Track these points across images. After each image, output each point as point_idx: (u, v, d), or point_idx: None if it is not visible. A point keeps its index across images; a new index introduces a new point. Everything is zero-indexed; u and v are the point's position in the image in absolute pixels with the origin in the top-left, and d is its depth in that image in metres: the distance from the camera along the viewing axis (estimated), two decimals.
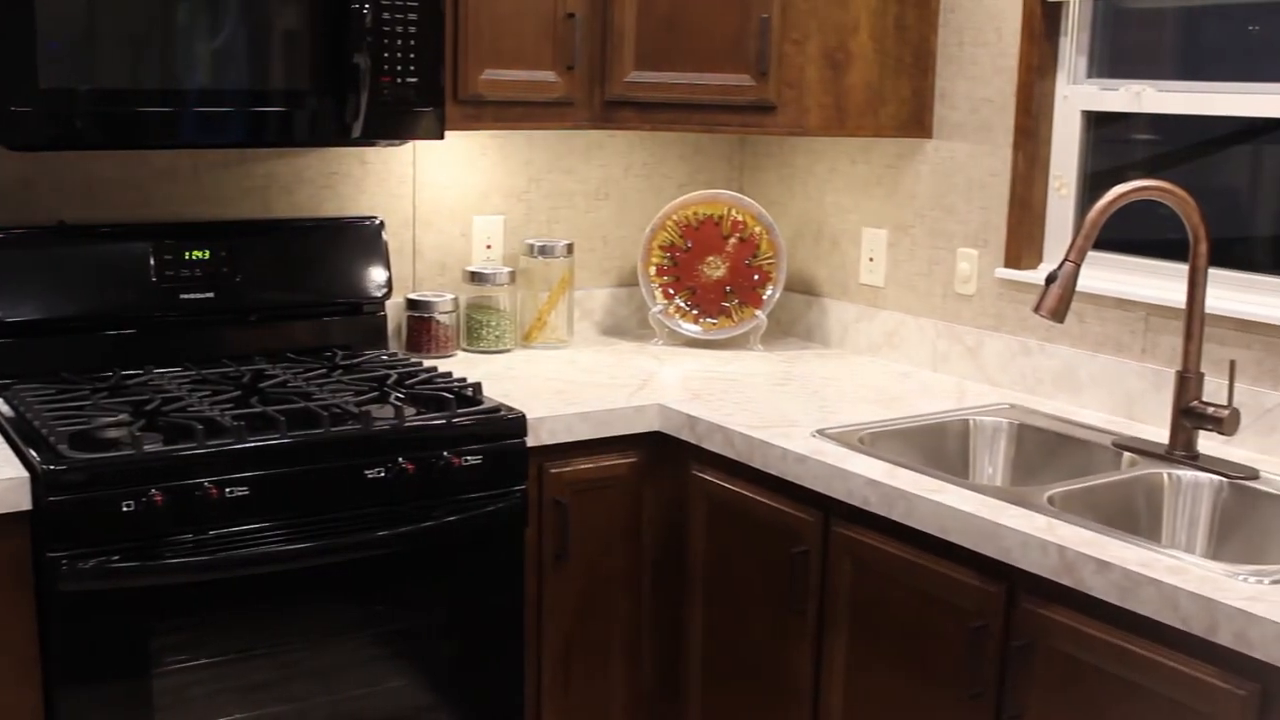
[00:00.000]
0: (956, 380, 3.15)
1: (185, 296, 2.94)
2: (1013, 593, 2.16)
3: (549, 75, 3.04)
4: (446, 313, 3.26)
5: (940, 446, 2.77)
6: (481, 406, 2.71)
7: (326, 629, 2.56)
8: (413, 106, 2.83)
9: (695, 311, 3.46)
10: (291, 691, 2.55)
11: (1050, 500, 2.27)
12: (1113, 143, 3.04)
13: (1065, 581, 2.05)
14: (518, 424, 2.68)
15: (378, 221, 3.20)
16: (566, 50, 3.05)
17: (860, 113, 3.10)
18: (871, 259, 3.39)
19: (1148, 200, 2.49)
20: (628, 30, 3.08)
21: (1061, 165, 3.02)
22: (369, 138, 2.83)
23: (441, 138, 2.89)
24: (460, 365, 3.14)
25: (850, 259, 3.46)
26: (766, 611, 2.66)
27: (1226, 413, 2.46)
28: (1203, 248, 2.49)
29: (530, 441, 2.70)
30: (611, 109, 3.12)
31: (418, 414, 2.65)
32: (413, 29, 2.79)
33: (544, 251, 3.37)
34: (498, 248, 3.44)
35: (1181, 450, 2.53)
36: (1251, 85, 2.70)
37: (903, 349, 3.31)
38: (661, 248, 3.47)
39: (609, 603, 2.91)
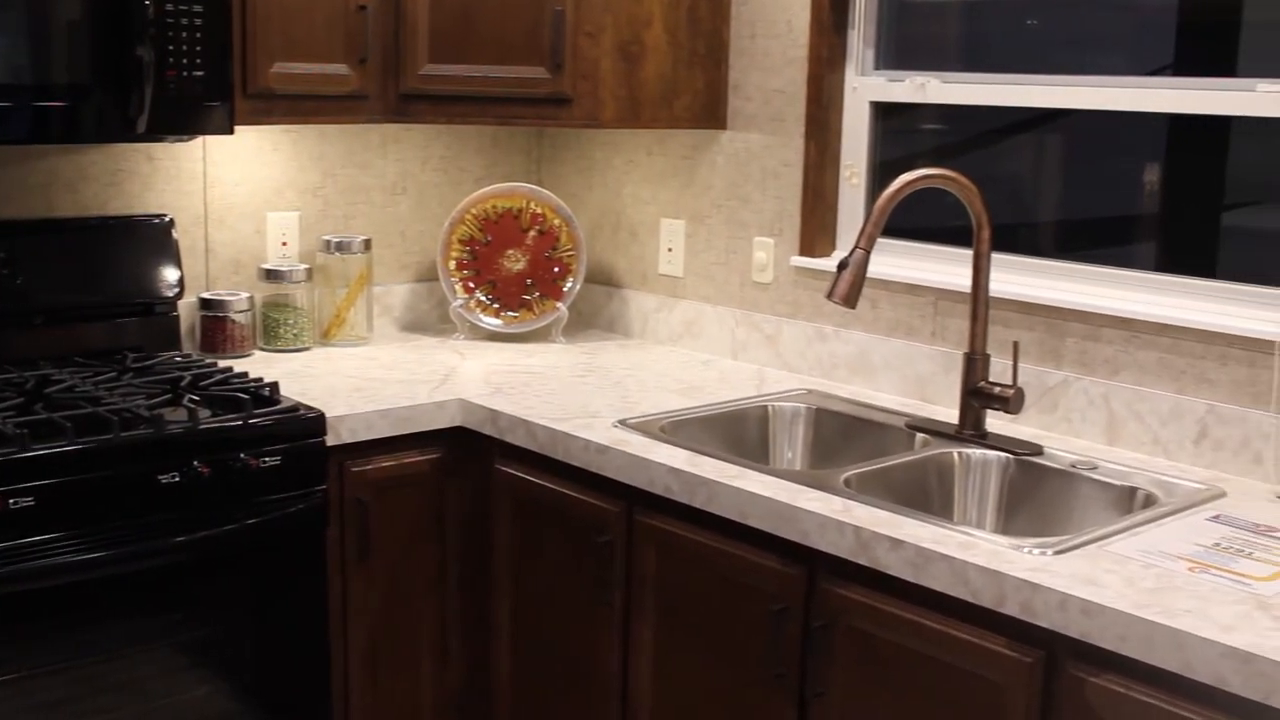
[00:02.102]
0: (756, 367, 3.20)
1: None
2: (812, 574, 2.20)
3: (341, 68, 3.00)
4: (242, 312, 3.19)
5: (741, 433, 2.82)
6: (279, 406, 2.66)
7: (126, 640, 2.49)
8: (200, 101, 2.76)
9: (496, 305, 3.45)
10: (92, 706, 2.47)
11: (846, 482, 2.32)
12: (902, 132, 3.13)
13: (861, 561, 2.10)
14: (316, 423, 2.64)
15: (167, 219, 3.11)
16: (359, 43, 3.01)
17: (655, 105, 3.13)
18: (670, 249, 3.42)
19: (935, 188, 2.56)
20: (421, 23, 3.05)
21: (852, 155, 3.09)
22: (155, 133, 2.75)
23: (231, 133, 2.82)
24: (257, 365, 3.07)
25: (649, 250, 3.49)
26: (573, 603, 2.66)
27: (1012, 392, 2.55)
28: (985, 233, 2.57)
29: (330, 440, 2.66)
30: (406, 102, 3.09)
31: (213, 416, 2.59)
32: (198, 21, 2.72)
33: (341, 247, 3.32)
34: (293, 245, 3.38)
35: (971, 429, 2.61)
36: (1030, 77, 2.80)
37: (703, 338, 3.35)
38: (461, 242, 3.45)
39: (415, 601, 2.88)
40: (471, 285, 3.45)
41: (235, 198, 3.28)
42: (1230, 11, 2.65)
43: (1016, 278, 2.78)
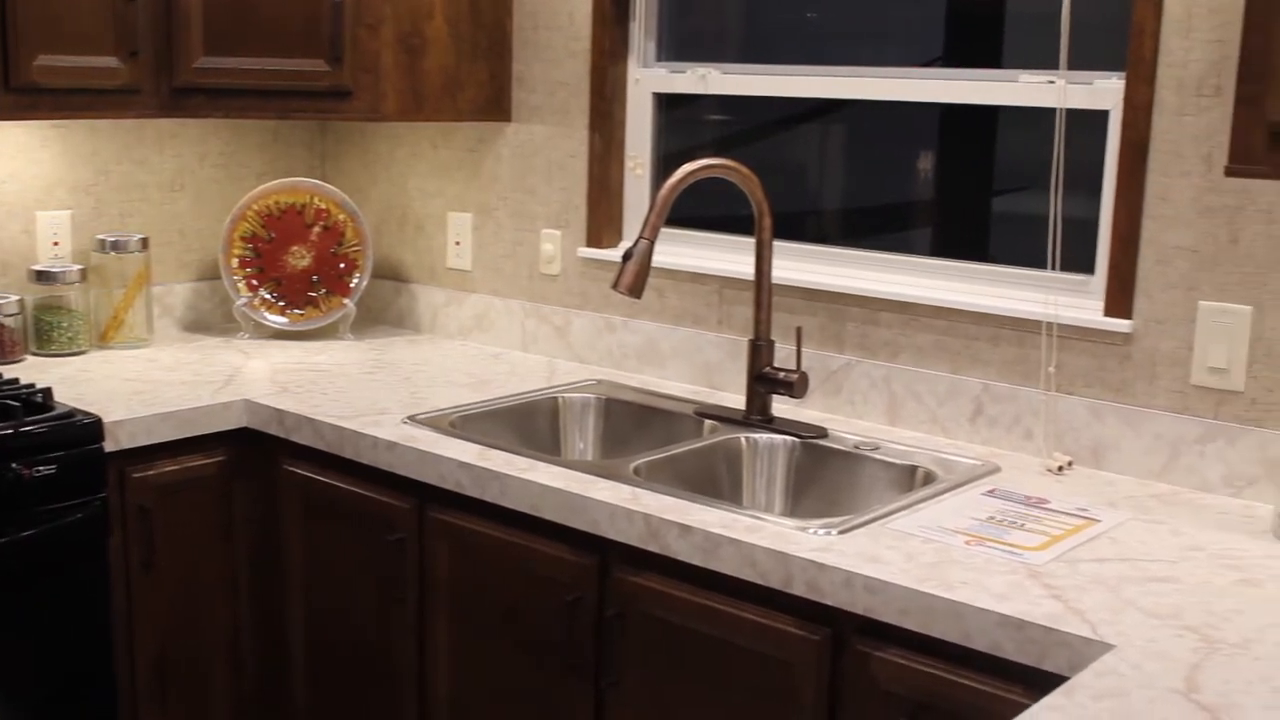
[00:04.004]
0: (546, 359, 3.21)
1: None
2: (604, 563, 2.22)
3: (111, 61, 2.90)
4: (11, 315, 3.06)
5: (532, 425, 2.82)
6: (53, 413, 2.56)
7: None
8: None
9: (281, 303, 3.39)
10: None
11: (636, 471, 2.34)
12: (687, 123, 3.16)
13: (652, 548, 2.12)
14: (93, 429, 2.55)
15: None
16: (129, 35, 2.91)
17: (438, 97, 3.10)
18: (458, 243, 3.40)
19: (718, 178, 2.59)
20: (194, 14, 2.97)
21: (636, 146, 3.12)
22: None
23: None
24: (29, 371, 2.95)
25: (437, 244, 3.46)
26: (368, 602, 2.63)
27: (796, 377, 2.61)
28: (767, 221, 2.62)
29: (109, 446, 2.58)
30: (181, 96, 3.00)
31: None
32: None
33: (117, 247, 3.21)
34: (66, 244, 3.25)
35: (757, 415, 2.66)
36: (809, 68, 2.86)
37: (493, 331, 3.34)
38: (243, 239, 3.37)
39: (205, 609, 2.81)
40: (255, 283, 3.38)
41: (2, 196, 3.15)
42: (994, 5, 2.75)
43: (799, 264, 2.83)
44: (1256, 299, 2.27)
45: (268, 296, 3.38)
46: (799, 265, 2.83)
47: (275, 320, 3.38)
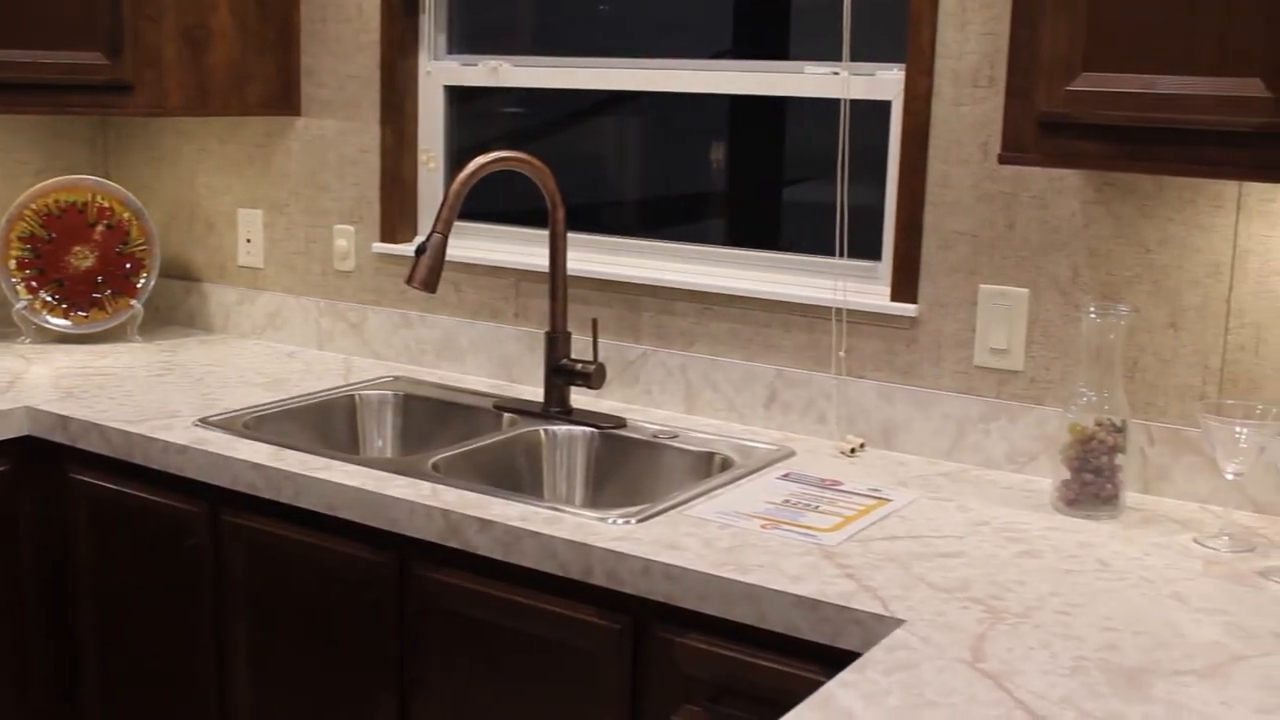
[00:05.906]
0: (343, 357, 3.17)
1: None
2: (404, 561, 2.20)
3: None
4: None
5: (329, 424, 2.78)
6: None
7: None
8: None
9: (64, 305, 3.27)
10: None
11: (434, 467, 2.33)
12: (483, 116, 3.15)
13: (452, 544, 2.11)
14: None
15: None
16: None
17: (224, 92, 3.04)
18: (249, 240, 3.33)
19: (512, 170, 2.58)
20: None
21: (429, 140, 3.09)
22: None
23: None
24: None
25: (227, 241, 3.38)
26: (163, 610, 2.56)
27: (593, 368, 2.62)
28: (560, 214, 2.62)
29: None
30: None
31: None
32: None
33: None
34: None
35: (556, 407, 2.66)
36: (600, 60, 2.87)
37: (286, 330, 3.28)
38: (21, 239, 3.24)
39: None
40: (36, 285, 3.26)
41: None
42: None
43: (594, 256, 2.85)
44: (1032, 281, 2.36)
45: (49, 299, 3.27)
46: (595, 257, 2.84)
47: (58, 323, 3.26)
